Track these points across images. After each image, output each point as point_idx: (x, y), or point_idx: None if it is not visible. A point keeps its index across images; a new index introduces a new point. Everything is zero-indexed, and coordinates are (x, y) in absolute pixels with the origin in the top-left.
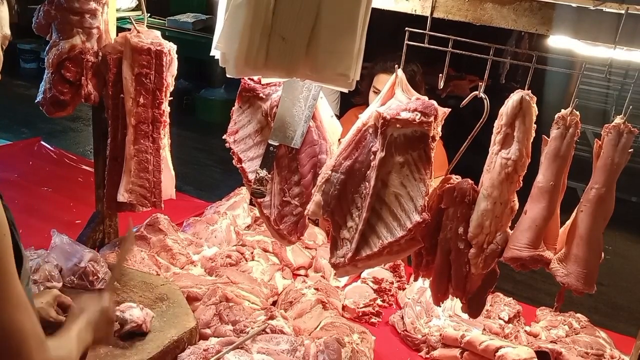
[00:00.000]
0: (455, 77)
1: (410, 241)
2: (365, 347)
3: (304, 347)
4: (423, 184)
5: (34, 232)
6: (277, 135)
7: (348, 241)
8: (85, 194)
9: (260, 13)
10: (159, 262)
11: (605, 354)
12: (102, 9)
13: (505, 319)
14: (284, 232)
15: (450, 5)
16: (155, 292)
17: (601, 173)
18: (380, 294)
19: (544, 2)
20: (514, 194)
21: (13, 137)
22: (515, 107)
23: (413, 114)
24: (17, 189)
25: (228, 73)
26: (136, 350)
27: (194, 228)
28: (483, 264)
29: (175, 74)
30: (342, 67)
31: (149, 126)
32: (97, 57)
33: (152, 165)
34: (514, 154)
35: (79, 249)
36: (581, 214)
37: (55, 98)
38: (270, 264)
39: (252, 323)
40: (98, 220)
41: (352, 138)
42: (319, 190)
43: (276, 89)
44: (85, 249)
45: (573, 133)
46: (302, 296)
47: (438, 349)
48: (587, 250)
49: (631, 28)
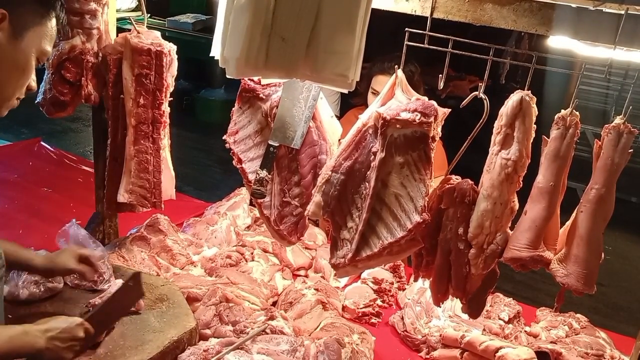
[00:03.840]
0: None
1: (410, 242)
2: (365, 347)
3: (304, 347)
4: (423, 184)
5: (34, 232)
6: (277, 136)
7: (348, 242)
8: (85, 195)
9: (260, 14)
10: (159, 263)
11: (605, 355)
12: (102, 10)
13: (505, 320)
14: (284, 232)
15: (450, 5)
16: (155, 293)
17: (601, 173)
18: (380, 294)
19: (543, 3)
20: (513, 195)
21: (13, 137)
22: (515, 107)
23: (413, 114)
24: (17, 189)
25: (228, 74)
26: (136, 350)
27: (194, 228)
28: (483, 265)
29: (175, 74)
30: (341, 67)
31: (149, 127)
32: (97, 58)
33: (152, 166)
34: (513, 154)
35: (91, 246)
36: (581, 215)
37: (56, 98)
38: (270, 264)
39: (252, 323)
40: (98, 221)
41: (352, 139)
42: (319, 191)
43: (276, 90)
44: (98, 247)
45: (573, 133)
46: (302, 297)
47: (438, 350)
48: (587, 251)
49: (631, 28)
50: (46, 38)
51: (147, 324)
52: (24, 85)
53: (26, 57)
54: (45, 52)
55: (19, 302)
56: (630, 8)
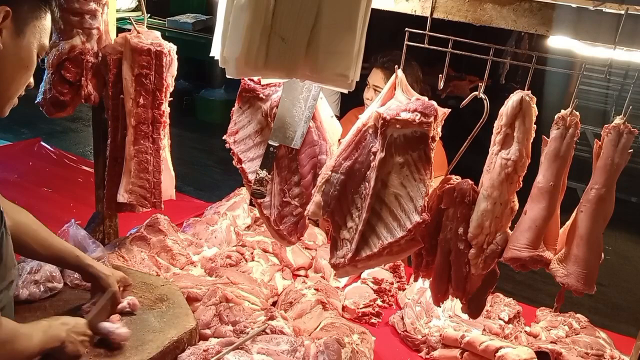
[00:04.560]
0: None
1: (410, 242)
2: (365, 347)
3: (304, 347)
4: (423, 184)
5: None
6: (277, 136)
7: (348, 242)
8: (85, 195)
9: (260, 14)
10: (159, 263)
11: (605, 354)
12: (102, 10)
13: (505, 320)
14: (284, 232)
15: (450, 5)
16: (155, 293)
17: (601, 173)
18: (380, 294)
19: (543, 3)
20: (513, 195)
21: (13, 137)
22: (515, 107)
23: (413, 114)
24: (17, 189)
25: (228, 74)
26: (136, 350)
27: (194, 228)
28: (483, 265)
29: (175, 74)
30: (341, 67)
31: (149, 127)
32: (97, 58)
33: (152, 166)
34: (513, 154)
35: (91, 246)
36: (581, 214)
37: (55, 98)
38: (270, 264)
39: (252, 323)
40: (98, 221)
41: (352, 138)
42: (318, 191)
43: (276, 90)
44: (98, 247)
45: (573, 133)
46: (302, 297)
47: (438, 350)
48: (587, 251)
49: (631, 28)
50: (45, 32)
51: (147, 324)
52: (27, 82)
53: (29, 53)
54: (44, 47)
55: (19, 302)
56: (630, 8)
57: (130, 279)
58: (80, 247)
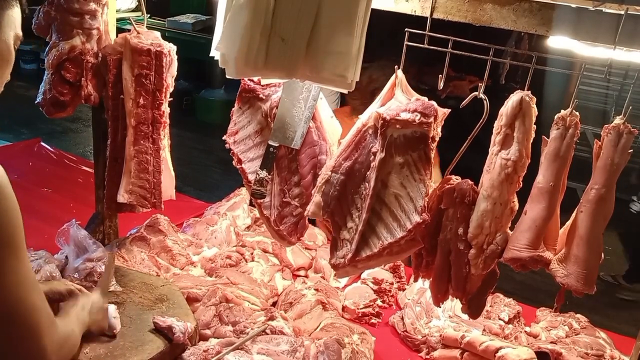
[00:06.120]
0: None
1: (410, 242)
2: (365, 347)
3: (304, 347)
4: (423, 184)
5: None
6: (277, 136)
7: (348, 242)
8: (85, 195)
9: (260, 14)
10: (159, 263)
11: (605, 355)
12: (102, 10)
13: (505, 320)
14: (284, 232)
15: (450, 6)
16: (155, 293)
17: (601, 173)
18: (380, 294)
19: (543, 3)
20: (513, 195)
21: (13, 137)
22: (515, 107)
23: (413, 114)
24: (17, 190)
25: (228, 74)
26: (136, 350)
27: (193, 229)
28: (483, 265)
29: (175, 74)
30: (341, 68)
31: (148, 127)
32: (97, 58)
33: (152, 166)
34: (513, 154)
35: (91, 246)
36: (581, 215)
37: (55, 99)
38: (270, 264)
39: (252, 324)
40: (98, 221)
41: (351, 139)
42: (318, 191)
43: (276, 90)
44: (98, 247)
45: (573, 133)
46: (302, 297)
47: (438, 350)
48: (587, 251)
49: (631, 28)
50: (17, 22)
51: (147, 324)
52: (7, 75)
53: (7, 46)
54: (19, 37)
55: None
56: (630, 8)
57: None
58: (80, 247)
